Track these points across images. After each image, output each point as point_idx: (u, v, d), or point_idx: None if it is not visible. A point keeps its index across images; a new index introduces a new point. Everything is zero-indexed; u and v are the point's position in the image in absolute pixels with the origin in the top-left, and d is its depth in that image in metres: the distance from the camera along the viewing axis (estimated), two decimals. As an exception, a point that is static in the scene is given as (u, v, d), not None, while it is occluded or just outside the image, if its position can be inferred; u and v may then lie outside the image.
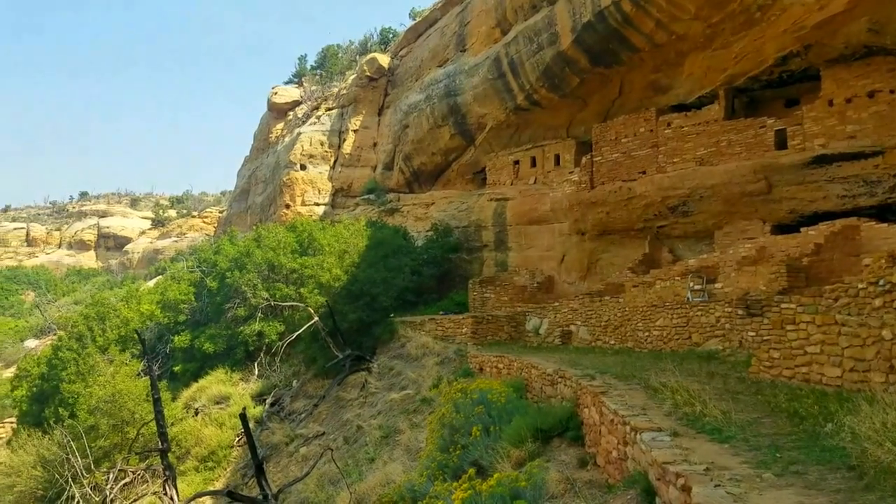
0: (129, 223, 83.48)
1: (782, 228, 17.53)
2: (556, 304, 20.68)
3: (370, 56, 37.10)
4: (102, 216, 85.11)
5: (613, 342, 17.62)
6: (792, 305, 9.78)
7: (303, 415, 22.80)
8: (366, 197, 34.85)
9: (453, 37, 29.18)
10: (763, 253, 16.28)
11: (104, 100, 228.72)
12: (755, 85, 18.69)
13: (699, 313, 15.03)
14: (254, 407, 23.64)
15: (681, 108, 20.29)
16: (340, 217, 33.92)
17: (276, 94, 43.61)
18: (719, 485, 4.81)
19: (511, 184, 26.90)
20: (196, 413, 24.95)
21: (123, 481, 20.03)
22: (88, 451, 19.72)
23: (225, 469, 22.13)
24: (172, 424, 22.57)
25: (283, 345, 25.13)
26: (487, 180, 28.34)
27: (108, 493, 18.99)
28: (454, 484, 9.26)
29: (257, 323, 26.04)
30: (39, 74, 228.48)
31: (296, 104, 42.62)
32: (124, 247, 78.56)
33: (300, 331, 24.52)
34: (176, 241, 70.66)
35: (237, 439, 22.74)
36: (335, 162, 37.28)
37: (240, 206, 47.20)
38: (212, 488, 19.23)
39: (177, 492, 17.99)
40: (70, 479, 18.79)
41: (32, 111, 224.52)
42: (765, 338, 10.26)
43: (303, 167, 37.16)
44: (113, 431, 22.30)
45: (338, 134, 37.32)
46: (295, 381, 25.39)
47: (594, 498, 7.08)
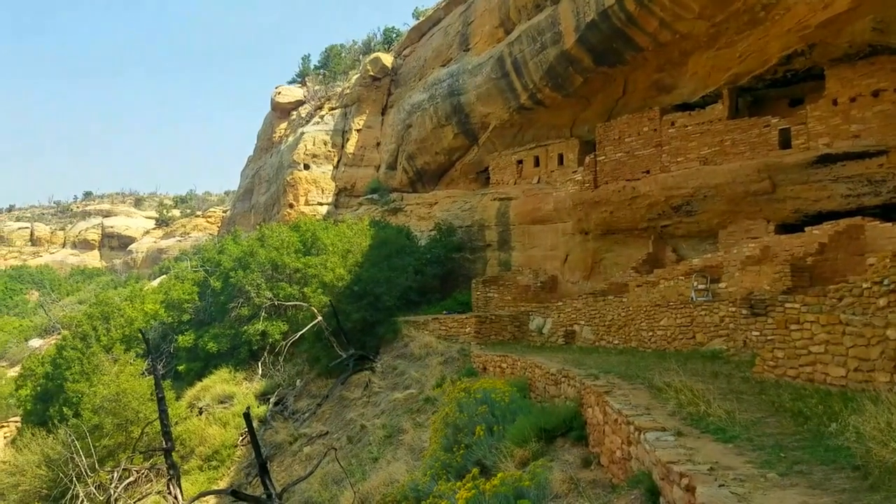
0: (133, 223, 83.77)
1: (786, 228, 17.51)
2: (560, 304, 20.62)
3: (373, 56, 37.11)
4: (106, 216, 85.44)
5: (617, 342, 17.56)
6: (796, 305, 9.72)
7: (306, 414, 22.83)
8: (369, 196, 34.82)
9: (457, 36, 29.17)
10: (767, 252, 16.23)
11: (106, 100, 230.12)
12: (759, 84, 18.68)
13: (703, 313, 14.98)
14: (257, 406, 23.67)
15: (685, 108, 20.27)
16: (344, 217, 33.94)
17: (280, 94, 43.71)
18: (723, 484, 4.79)
19: (514, 183, 26.90)
20: (200, 412, 25.01)
21: (127, 480, 20.15)
22: (93, 451, 19.76)
23: (229, 468, 22.15)
24: (176, 424, 22.61)
25: (287, 344, 25.18)
26: (491, 180, 28.35)
27: (113, 492, 19.08)
28: (458, 483, 9.25)
29: (261, 322, 26.13)
30: (41, 75, 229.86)
31: (299, 104, 42.67)
32: (128, 246, 78.81)
33: (304, 330, 24.54)
34: (180, 241, 70.85)
35: (241, 438, 22.78)
36: (338, 161, 37.29)
37: (243, 206, 47.31)
38: (216, 487, 19.28)
39: (181, 491, 18.07)
40: (74, 478, 18.85)
41: (35, 112, 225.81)
42: (769, 337, 10.23)
43: (306, 167, 37.17)
44: (117, 430, 22.40)
45: (341, 133, 37.31)
46: (298, 381, 25.41)
47: (598, 497, 7.07)
